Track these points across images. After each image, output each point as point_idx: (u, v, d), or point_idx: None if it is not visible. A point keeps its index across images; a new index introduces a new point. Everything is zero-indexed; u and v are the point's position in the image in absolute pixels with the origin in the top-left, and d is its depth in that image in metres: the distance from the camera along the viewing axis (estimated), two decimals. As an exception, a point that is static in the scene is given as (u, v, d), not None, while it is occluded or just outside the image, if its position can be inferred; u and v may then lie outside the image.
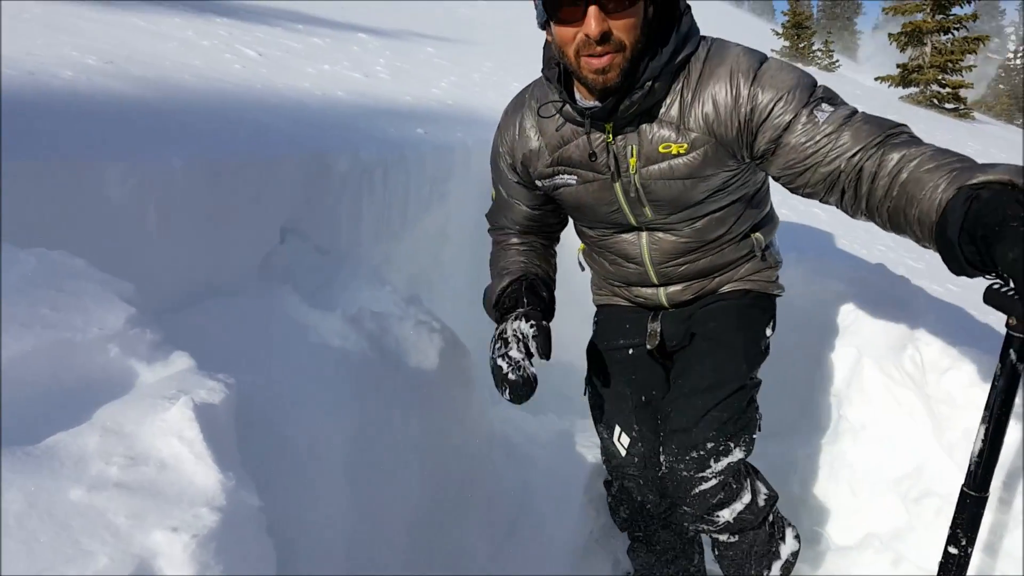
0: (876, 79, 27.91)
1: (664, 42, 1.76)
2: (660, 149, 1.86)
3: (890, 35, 27.76)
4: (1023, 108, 54.47)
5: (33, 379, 1.18)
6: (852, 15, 69.04)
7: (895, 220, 1.60)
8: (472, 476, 2.63)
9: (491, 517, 2.59)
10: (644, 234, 2.11)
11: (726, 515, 2.12)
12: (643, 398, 2.27)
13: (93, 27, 3.69)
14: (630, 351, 2.31)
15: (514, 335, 1.96)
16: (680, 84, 1.82)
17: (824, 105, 1.74)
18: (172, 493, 1.09)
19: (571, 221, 2.33)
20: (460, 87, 5.83)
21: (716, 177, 1.92)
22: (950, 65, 25.46)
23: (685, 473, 2.07)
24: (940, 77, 25.17)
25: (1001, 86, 59.43)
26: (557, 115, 1.93)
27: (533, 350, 1.93)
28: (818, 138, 1.70)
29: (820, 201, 1.82)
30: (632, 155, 1.88)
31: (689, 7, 1.84)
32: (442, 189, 3.73)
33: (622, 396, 2.31)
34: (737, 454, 2.08)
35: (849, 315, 2.94)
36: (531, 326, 1.94)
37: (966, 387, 2.42)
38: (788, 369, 3.14)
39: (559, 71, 1.87)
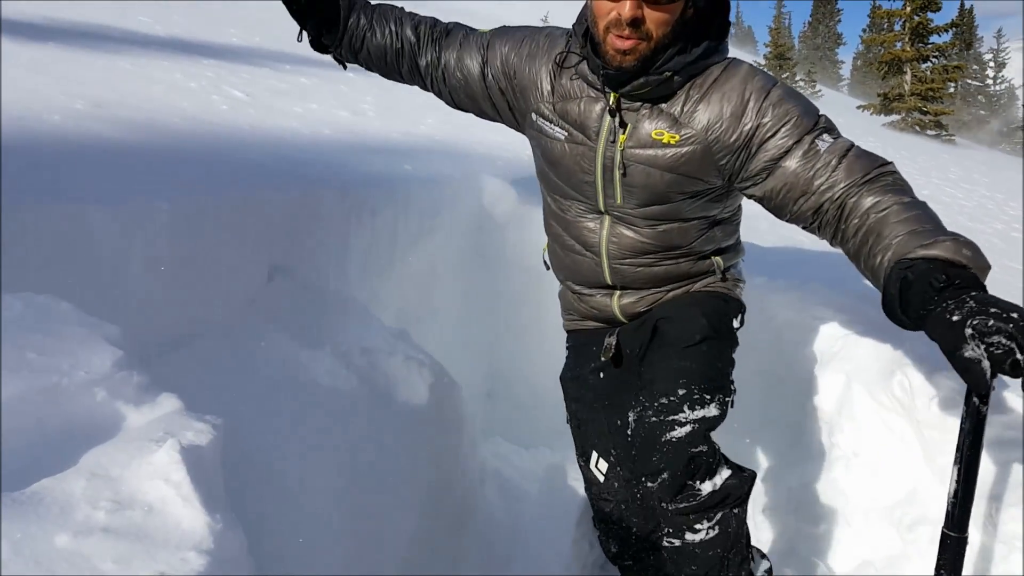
0: (858, 107, 28.25)
1: (696, 44, 1.83)
2: (652, 135, 1.89)
3: (870, 64, 28.15)
4: (1004, 133, 55.16)
5: (19, 425, 1.18)
6: (833, 46, 69.92)
7: (856, 261, 1.78)
8: (464, 512, 2.62)
9: (484, 553, 2.58)
10: (607, 222, 2.09)
11: (707, 487, 1.96)
12: (618, 421, 2.23)
13: (81, 71, 3.72)
14: (600, 374, 2.30)
15: None
16: (692, 84, 1.88)
17: (825, 136, 1.81)
18: (159, 537, 1.08)
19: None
20: (447, 122, 5.87)
21: (691, 182, 1.94)
22: (931, 93, 25.79)
23: (654, 419, 1.94)
24: (921, 105, 25.49)
25: (982, 112, 60.16)
26: (573, 68, 1.96)
27: None
28: (818, 167, 1.78)
29: (802, 228, 1.90)
30: (624, 132, 1.91)
31: (729, 30, 1.92)
32: (430, 224, 3.75)
33: (596, 421, 2.30)
34: (712, 410, 1.96)
35: (837, 341, 2.95)
36: None
37: (955, 412, 2.42)
38: (778, 396, 3.15)
39: (587, 28, 1.89)
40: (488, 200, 4.04)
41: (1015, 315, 1.38)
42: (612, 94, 1.89)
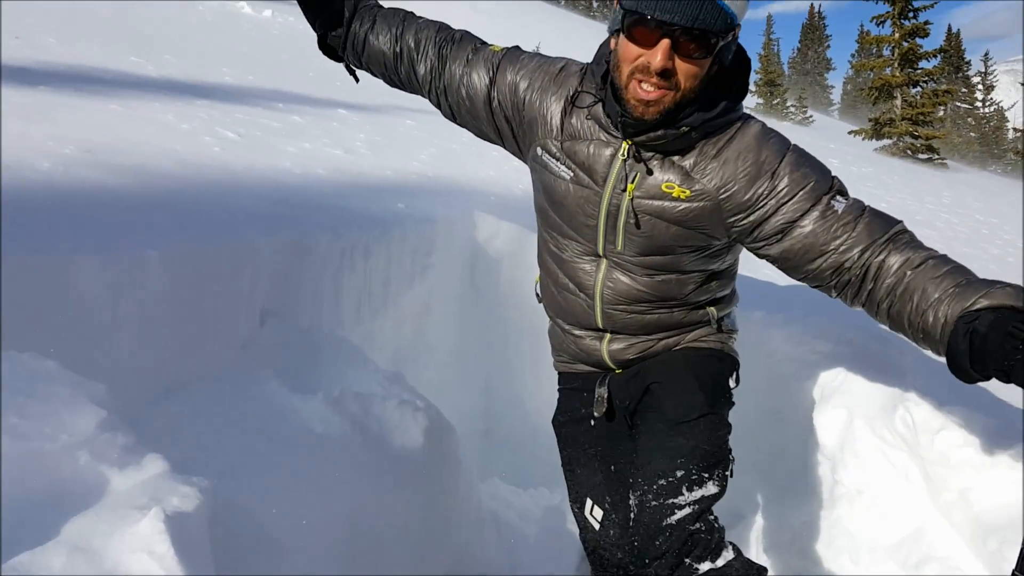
0: (850, 132, 28.43)
1: (714, 99, 1.78)
2: (663, 187, 1.84)
3: (860, 89, 28.39)
4: (995, 155, 55.59)
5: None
6: (822, 71, 70.58)
7: (896, 320, 1.72)
8: (463, 557, 2.57)
9: (483, 600, 2.52)
10: (603, 266, 2.02)
11: (705, 566, 1.88)
12: (612, 468, 2.18)
13: (72, 115, 3.71)
14: (592, 422, 2.23)
15: None
16: (707, 141, 1.83)
17: (839, 197, 1.78)
18: (142, 613, 1.04)
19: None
20: (440, 159, 5.87)
21: (697, 237, 1.90)
22: (921, 117, 25.98)
23: (655, 502, 1.89)
24: (912, 129, 25.66)
25: (972, 134, 60.61)
26: (587, 108, 1.90)
27: None
28: (836, 227, 1.74)
29: (815, 287, 1.85)
30: (633, 181, 1.86)
31: (748, 90, 1.88)
32: (424, 262, 3.73)
33: (590, 468, 2.23)
34: (711, 487, 1.91)
35: (838, 376, 2.91)
36: None
37: (959, 447, 2.39)
38: (779, 432, 3.11)
39: (606, 71, 1.84)
40: (482, 237, 4.03)
41: None
42: (626, 142, 1.85)
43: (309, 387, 2.38)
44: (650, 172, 1.85)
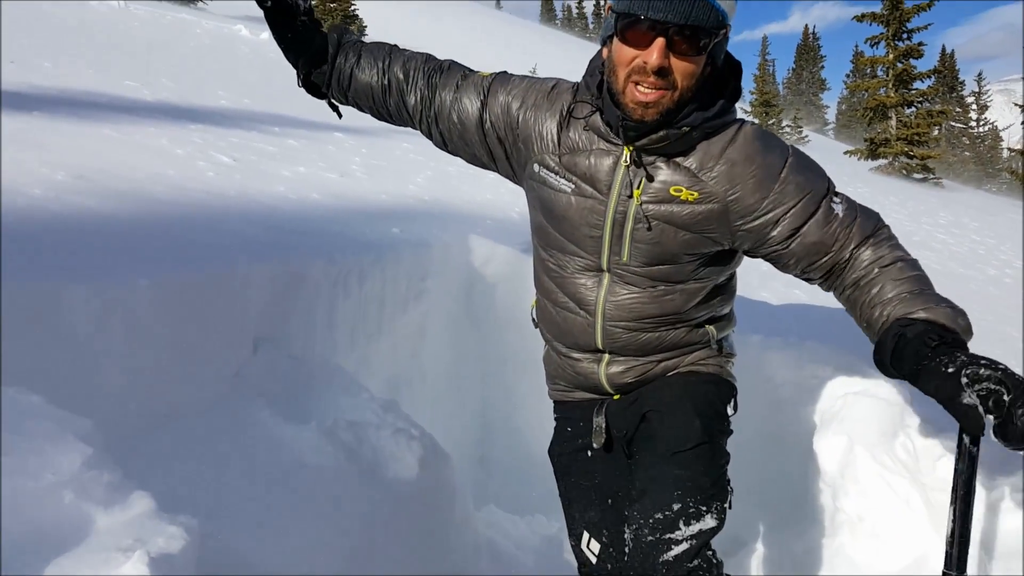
0: (845, 152, 28.53)
1: (711, 100, 1.80)
2: (671, 191, 1.84)
3: (855, 109, 28.53)
4: (990, 174, 55.89)
5: (-21, 536, 1.11)
6: (817, 91, 70.98)
7: (851, 306, 1.89)
8: (459, 588, 2.53)
9: (480, 632, 2.48)
10: (606, 280, 1.99)
11: None
12: (609, 500, 2.13)
13: (65, 140, 3.69)
14: (588, 452, 2.18)
15: None
16: (708, 141, 1.84)
17: (836, 199, 1.88)
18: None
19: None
20: (436, 181, 5.87)
21: (704, 242, 1.89)
22: (916, 137, 26.09)
23: (651, 537, 1.85)
24: (908, 149, 25.77)
25: (967, 153, 60.88)
26: (584, 119, 1.89)
27: None
28: (836, 230, 1.84)
29: (808, 282, 1.97)
30: (639, 186, 1.85)
31: (741, 94, 1.90)
32: (419, 287, 3.71)
33: (587, 500, 2.19)
34: (709, 521, 1.87)
35: (837, 401, 2.88)
36: None
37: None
38: (778, 458, 3.08)
39: (601, 80, 1.84)
40: (478, 261, 4.01)
41: (1001, 366, 1.58)
42: (627, 147, 1.83)
43: (302, 416, 2.34)
44: (654, 176, 1.85)
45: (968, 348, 1.71)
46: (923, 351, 1.65)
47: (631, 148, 1.83)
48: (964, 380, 1.58)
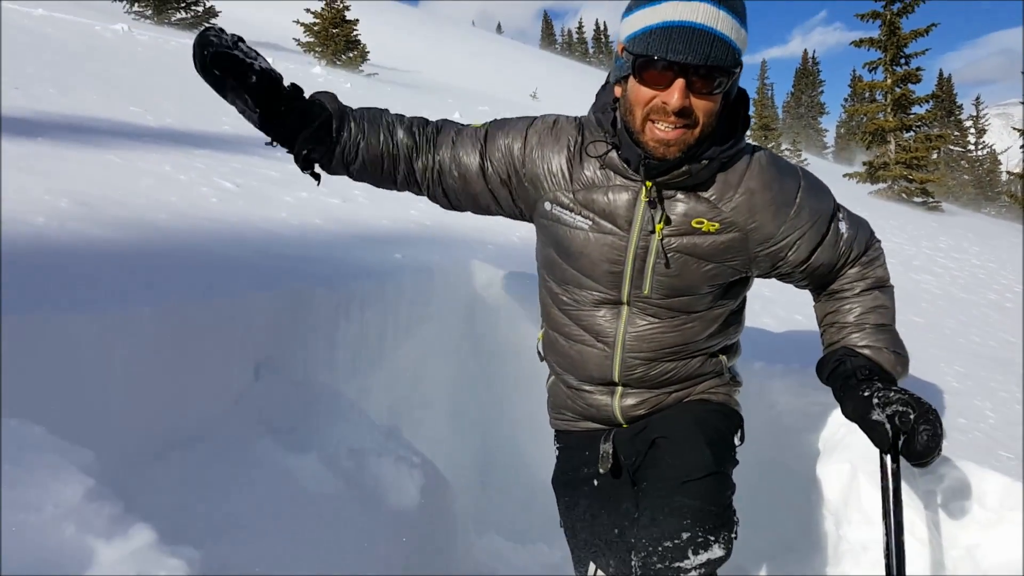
0: (844, 175, 28.59)
1: (725, 132, 1.83)
2: (693, 223, 1.87)
3: (853, 132, 28.64)
4: (989, 198, 56.04)
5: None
6: (816, 115, 71.34)
7: (816, 309, 2.16)
8: (460, 619, 2.51)
9: (481, 664, 2.46)
10: (625, 313, 2.00)
11: None
12: (616, 531, 2.12)
13: (68, 167, 3.70)
14: (595, 481, 2.18)
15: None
16: (726, 170, 1.88)
17: (840, 214, 2.02)
18: None
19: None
20: (437, 207, 5.87)
21: (726, 271, 1.94)
22: (915, 161, 26.17)
23: (660, 565, 1.85)
24: (907, 173, 25.83)
25: (966, 177, 61.07)
26: (600, 157, 1.89)
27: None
28: (842, 251, 2.02)
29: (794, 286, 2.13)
30: (660, 220, 1.86)
31: (750, 119, 1.95)
32: (421, 313, 3.71)
33: (593, 530, 2.17)
34: (717, 551, 1.87)
35: (840, 428, 2.87)
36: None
37: (964, 504, 2.35)
38: (781, 485, 3.06)
39: (614, 117, 1.86)
40: (479, 286, 4.01)
41: (908, 392, 1.86)
42: (647, 183, 1.84)
43: (303, 444, 2.34)
44: (675, 209, 1.88)
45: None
46: (851, 380, 1.93)
47: (651, 184, 1.84)
48: (875, 401, 1.85)
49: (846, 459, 2.76)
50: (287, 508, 1.95)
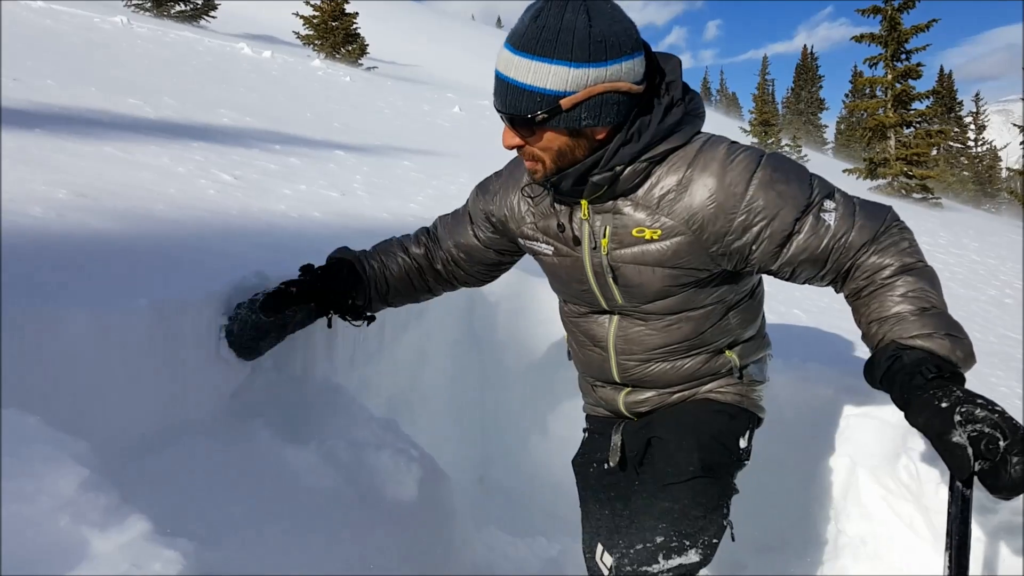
0: (844, 171, 28.61)
1: (640, 131, 1.73)
2: (634, 232, 1.83)
3: (853, 128, 28.63)
4: (988, 194, 56.02)
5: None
6: (816, 111, 71.23)
7: (853, 312, 1.85)
8: (458, 613, 2.50)
9: (479, 658, 2.45)
10: (615, 319, 2.06)
11: None
12: (625, 512, 2.14)
13: (67, 159, 3.69)
14: (605, 465, 2.22)
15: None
16: (664, 170, 1.78)
17: (827, 203, 1.78)
18: None
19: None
20: (437, 200, 5.86)
21: (687, 273, 1.88)
22: (915, 157, 26.17)
23: (628, 568, 1.86)
24: (907, 169, 25.84)
25: (965, 173, 61.02)
26: (541, 189, 1.98)
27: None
28: (831, 242, 1.78)
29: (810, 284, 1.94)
30: (605, 235, 1.86)
31: (684, 100, 1.79)
32: (420, 306, 3.68)
33: (601, 513, 2.21)
34: (692, 556, 1.87)
35: (840, 423, 2.88)
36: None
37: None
38: (780, 480, 3.06)
39: None
40: (478, 280, 3.99)
41: (998, 408, 1.51)
42: (583, 202, 1.85)
43: (301, 437, 2.33)
44: (616, 222, 1.85)
45: (965, 381, 1.63)
46: (917, 380, 1.59)
47: (585, 202, 1.86)
48: (957, 418, 1.51)
49: (845, 453, 2.77)
50: (284, 501, 1.94)
